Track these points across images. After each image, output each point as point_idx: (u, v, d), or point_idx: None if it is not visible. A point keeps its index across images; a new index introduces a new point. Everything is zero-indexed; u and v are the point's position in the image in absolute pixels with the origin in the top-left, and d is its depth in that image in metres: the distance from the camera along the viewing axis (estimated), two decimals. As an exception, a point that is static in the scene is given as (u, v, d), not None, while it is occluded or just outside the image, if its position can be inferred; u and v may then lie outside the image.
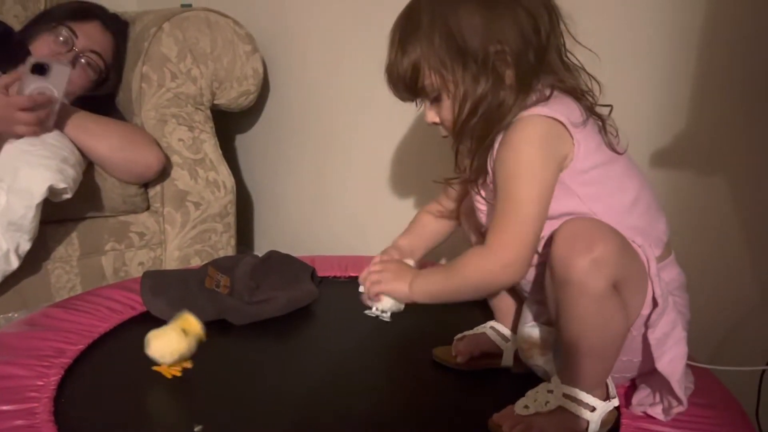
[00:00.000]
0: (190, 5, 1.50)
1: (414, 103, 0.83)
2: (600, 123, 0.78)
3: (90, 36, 1.37)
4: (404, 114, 1.33)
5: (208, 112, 1.48)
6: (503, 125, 0.76)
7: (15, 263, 1.13)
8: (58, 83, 1.17)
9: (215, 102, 1.49)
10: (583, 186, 0.76)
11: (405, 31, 0.78)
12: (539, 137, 0.74)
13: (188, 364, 0.88)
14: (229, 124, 1.73)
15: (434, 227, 0.98)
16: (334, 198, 1.59)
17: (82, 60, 1.35)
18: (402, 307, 0.85)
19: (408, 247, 0.95)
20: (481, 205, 0.84)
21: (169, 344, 0.86)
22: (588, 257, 0.69)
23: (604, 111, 0.80)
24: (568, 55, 0.79)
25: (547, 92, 0.76)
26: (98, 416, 0.80)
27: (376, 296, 0.84)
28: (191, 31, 1.41)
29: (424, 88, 0.78)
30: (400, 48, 0.78)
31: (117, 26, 1.44)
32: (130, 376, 0.89)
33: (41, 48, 1.33)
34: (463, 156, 0.81)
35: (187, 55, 1.41)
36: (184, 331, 0.87)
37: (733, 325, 0.98)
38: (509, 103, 0.75)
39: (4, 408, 0.76)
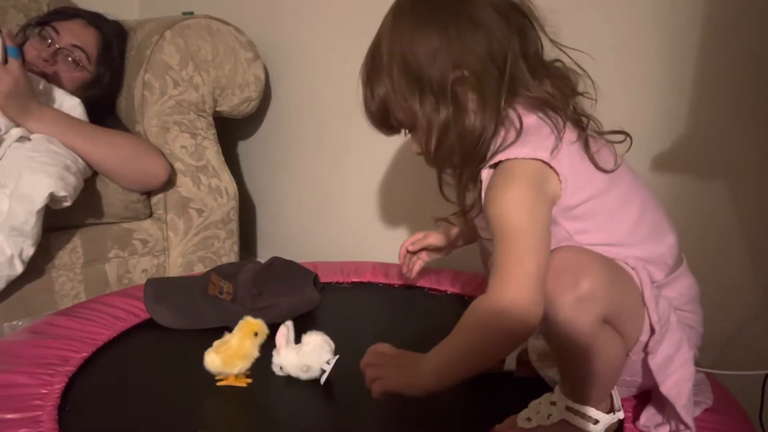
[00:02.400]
0: (191, 13, 1.51)
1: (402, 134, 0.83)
2: (583, 138, 0.74)
3: (71, 31, 1.39)
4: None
5: (211, 119, 1.49)
6: (479, 154, 0.74)
7: (19, 268, 1.13)
8: None
9: (217, 109, 1.49)
10: (571, 221, 0.74)
11: (370, 69, 0.78)
12: (526, 179, 0.71)
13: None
14: (232, 131, 1.74)
15: None
16: (336, 204, 1.60)
17: (65, 54, 1.37)
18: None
19: (453, 235, 0.95)
20: (482, 232, 0.82)
21: (242, 350, 0.86)
22: (573, 295, 0.66)
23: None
24: (549, 57, 0.77)
25: (517, 123, 0.73)
26: (102, 424, 0.80)
27: (377, 391, 0.77)
28: (193, 39, 1.42)
29: (397, 122, 0.78)
30: (368, 87, 0.78)
31: (102, 23, 1.46)
32: (134, 383, 0.89)
33: (28, 51, 1.36)
34: (450, 186, 0.80)
35: (188, 62, 1.41)
36: (256, 335, 0.86)
37: (736, 329, 0.98)
38: (478, 128, 0.73)
39: (9, 416, 0.76)
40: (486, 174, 0.74)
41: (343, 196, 1.57)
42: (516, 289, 0.69)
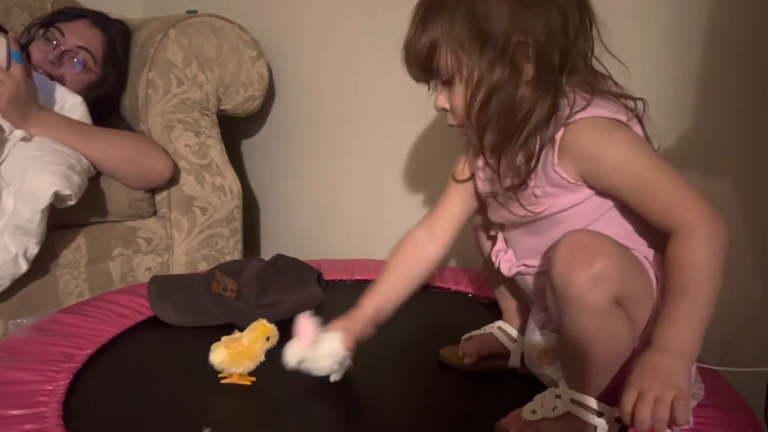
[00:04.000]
0: (195, 11, 1.51)
1: (427, 87, 0.80)
2: (639, 121, 0.76)
3: (76, 32, 1.39)
4: (410, 117, 1.33)
5: (214, 117, 1.49)
6: (524, 128, 0.73)
7: (24, 267, 1.14)
8: None
9: (221, 107, 1.50)
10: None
11: (429, 7, 0.75)
12: (618, 125, 0.72)
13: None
14: (235, 129, 1.74)
15: (410, 270, 0.90)
16: (340, 201, 1.60)
17: (71, 56, 1.38)
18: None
19: (374, 311, 0.87)
20: (519, 212, 0.80)
21: (251, 351, 0.86)
22: (588, 272, 0.67)
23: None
24: (596, 63, 0.77)
25: (587, 94, 0.73)
26: (107, 420, 0.80)
27: None
28: (196, 37, 1.42)
29: (438, 68, 0.76)
30: (421, 24, 0.75)
31: (106, 23, 1.46)
32: (138, 380, 0.90)
33: (34, 53, 1.37)
34: (485, 154, 0.78)
35: (192, 60, 1.42)
36: (268, 339, 0.87)
37: (741, 325, 0.98)
38: (530, 99, 0.72)
39: (14, 412, 0.76)
40: (560, 135, 0.74)
41: (346, 193, 1.58)
42: (702, 211, 0.68)
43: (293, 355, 0.83)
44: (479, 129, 0.76)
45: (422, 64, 0.76)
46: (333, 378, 0.85)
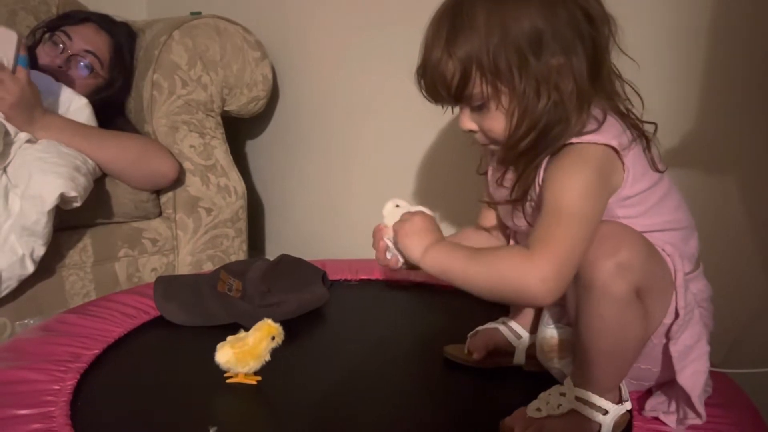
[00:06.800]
0: (199, 13, 1.52)
1: (441, 107, 0.77)
2: (645, 141, 0.75)
3: (83, 36, 1.40)
4: (414, 119, 1.33)
5: (219, 118, 1.49)
6: (555, 147, 0.72)
7: (31, 268, 1.14)
8: (4, 50, 1.15)
9: (225, 108, 1.50)
10: (623, 208, 0.74)
11: (455, 28, 0.69)
12: (596, 167, 0.70)
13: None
14: (240, 130, 1.74)
15: (479, 239, 0.92)
16: (344, 202, 1.60)
17: (79, 60, 1.39)
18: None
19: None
20: (521, 223, 0.81)
21: (257, 350, 0.86)
22: (613, 260, 0.68)
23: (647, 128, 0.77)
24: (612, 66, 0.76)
25: (600, 116, 0.72)
26: (114, 420, 0.81)
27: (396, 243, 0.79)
28: (201, 39, 1.43)
29: (471, 95, 0.72)
30: (447, 47, 0.69)
31: (113, 26, 1.47)
32: (145, 379, 0.90)
33: (41, 56, 1.38)
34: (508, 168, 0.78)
35: (197, 62, 1.42)
36: (273, 339, 0.87)
37: (746, 326, 0.98)
38: (571, 122, 0.70)
39: (22, 412, 0.77)
40: (545, 161, 0.73)
41: (350, 194, 1.58)
42: (552, 270, 0.67)
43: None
44: (516, 151, 0.74)
45: (451, 93, 0.72)
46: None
